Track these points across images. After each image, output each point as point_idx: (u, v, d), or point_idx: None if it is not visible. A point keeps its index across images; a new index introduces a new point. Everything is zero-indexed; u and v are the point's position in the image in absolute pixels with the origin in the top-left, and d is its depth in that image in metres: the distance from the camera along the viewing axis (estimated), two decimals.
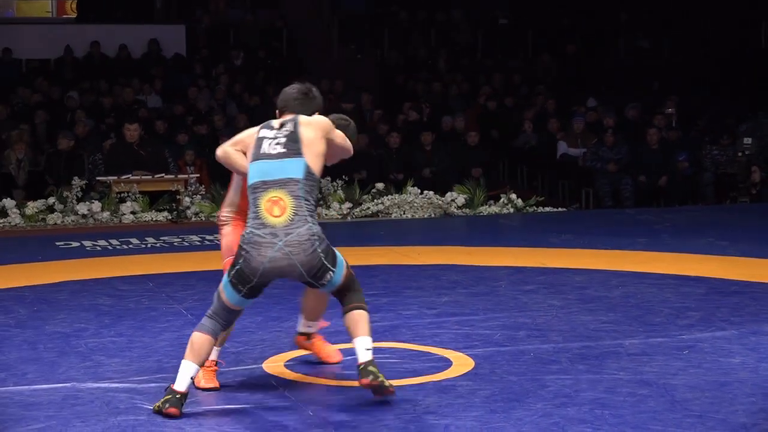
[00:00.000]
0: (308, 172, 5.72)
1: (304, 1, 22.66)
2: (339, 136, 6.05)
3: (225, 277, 5.72)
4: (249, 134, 5.94)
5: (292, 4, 22.62)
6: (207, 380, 5.97)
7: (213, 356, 5.97)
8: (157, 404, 5.51)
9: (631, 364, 6.44)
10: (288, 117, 5.89)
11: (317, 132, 5.83)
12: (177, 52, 20.88)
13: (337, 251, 5.86)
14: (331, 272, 5.74)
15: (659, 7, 22.90)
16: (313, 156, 5.76)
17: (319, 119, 5.97)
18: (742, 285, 8.84)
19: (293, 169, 5.69)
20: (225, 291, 5.70)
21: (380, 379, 5.56)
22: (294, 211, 5.62)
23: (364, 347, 5.64)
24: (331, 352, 6.56)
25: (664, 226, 12.42)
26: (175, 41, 21.08)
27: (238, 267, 5.62)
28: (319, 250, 5.68)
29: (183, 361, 5.58)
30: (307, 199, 5.72)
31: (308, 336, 6.50)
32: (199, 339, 5.63)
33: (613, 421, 5.34)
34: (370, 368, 5.57)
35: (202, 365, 5.69)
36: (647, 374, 6.20)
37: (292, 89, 6.12)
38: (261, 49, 21.22)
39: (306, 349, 6.54)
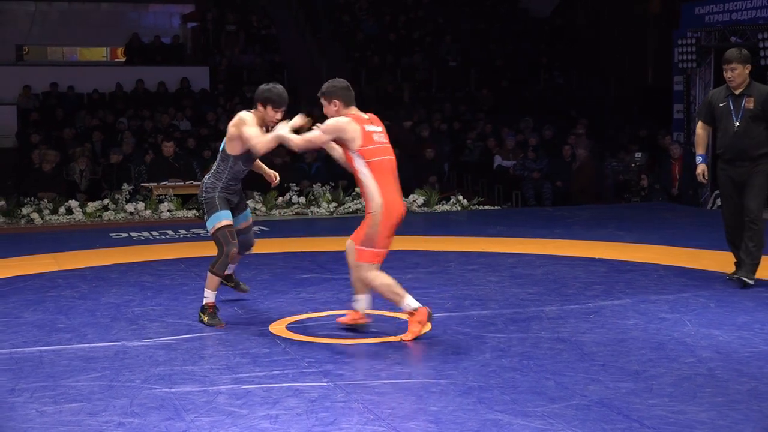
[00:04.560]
0: (223, 150, 6.67)
1: (299, 49, 22.65)
2: (245, 132, 6.50)
3: None
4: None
5: (290, 51, 22.61)
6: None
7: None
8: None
9: (550, 325, 6.46)
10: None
11: (233, 125, 6.61)
12: (203, 87, 20.83)
13: (217, 213, 6.59)
14: (205, 216, 6.66)
15: (571, 53, 23.02)
16: (226, 140, 6.68)
17: (239, 115, 6.67)
18: (635, 265, 8.87)
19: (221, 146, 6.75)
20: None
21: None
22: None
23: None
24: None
25: (575, 220, 12.44)
26: (201, 79, 21.04)
27: None
28: (200, 196, 6.72)
29: None
30: (217, 165, 6.71)
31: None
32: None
33: (536, 369, 5.35)
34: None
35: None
36: (563, 333, 6.22)
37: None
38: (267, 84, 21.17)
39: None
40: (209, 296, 6.63)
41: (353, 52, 22.25)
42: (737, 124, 7.83)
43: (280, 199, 14.14)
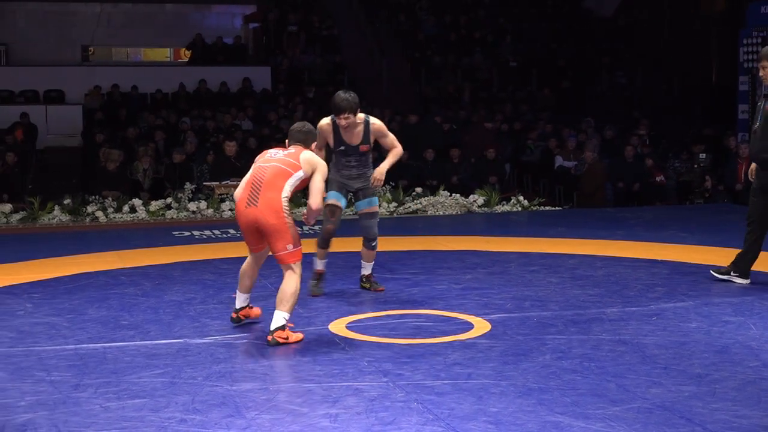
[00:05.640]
0: None
1: (360, 48, 22.69)
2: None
3: None
4: None
5: (351, 51, 22.67)
6: None
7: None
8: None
9: (612, 327, 6.41)
10: None
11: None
12: (264, 87, 20.97)
13: (327, 193, 7.19)
14: None
15: (633, 52, 22.80)
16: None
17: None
18: (698, 267, 8.76)
19: None
20: None
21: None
22: None
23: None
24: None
25: (637, 222, 12.32)
26: (262, 79, 21.18)
27: None
28: None
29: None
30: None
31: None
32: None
33: (597, 371, 5.31)
34: None
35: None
36: (624, 335, 6.17)
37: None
38: (328, 85, 21.26)
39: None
40: (316, 263, 7.50)
41: (413, 52, 22.25)
42: (756, 125, 7.71)
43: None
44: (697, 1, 22.73)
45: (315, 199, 6.30)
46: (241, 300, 6.60)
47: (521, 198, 14.63)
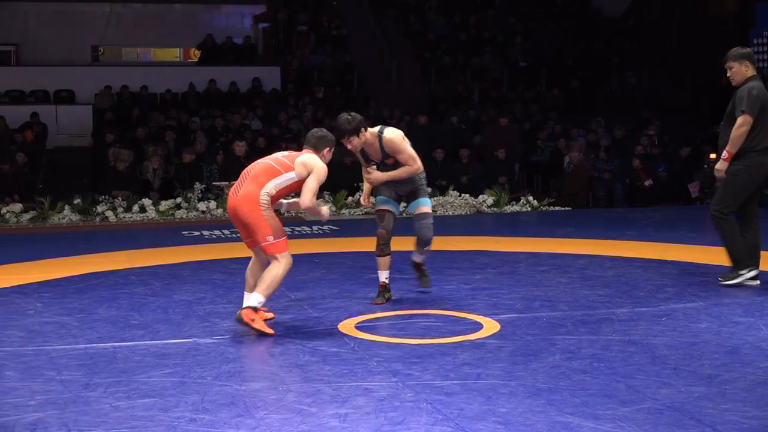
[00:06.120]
0: None
1: (370, 48, 22.69)
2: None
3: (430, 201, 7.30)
4: None
5: (361, 51, 22.67)
6: None
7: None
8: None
9: (621, 327, 6.39)
10: None
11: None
12: (274, 87, 20.99)
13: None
14: None
15: (643, 52, 22.75)
16: None
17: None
18: (707, 267, 8.75)
19: None
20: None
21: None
22: None
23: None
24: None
25: (648, 222, 12.30)
26: (272, 79, 21.20)
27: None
28: None
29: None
30: None
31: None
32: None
33: (607, 372, 5.29)
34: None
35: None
36: (634, 336, 6.15)
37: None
38: (337, 84, 21.28)
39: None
40: (379, 275, 7.41)
41: (423, 52, 22.24)
42: (723, 122, 7.87)
43: (350, 198, 14.19)
44: (707, 1, 22.67)
45: (304, 198, 6.40)
46: (246, 300, 6.61)
47: (531, 198, 14.63)
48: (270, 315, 6.75)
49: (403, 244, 8.30)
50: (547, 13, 24.21)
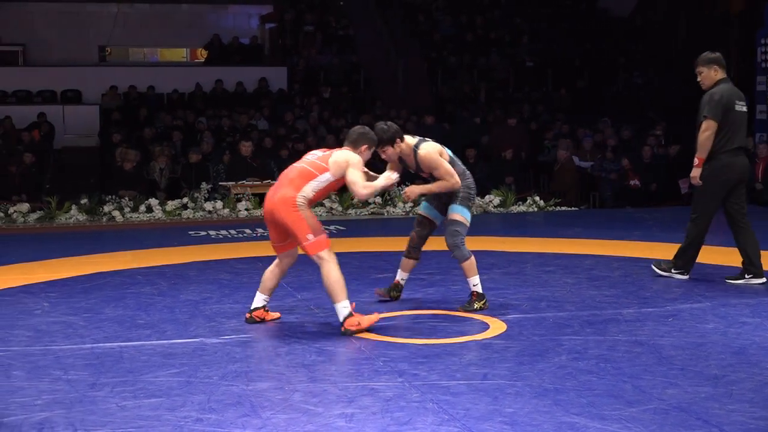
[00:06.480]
0: None
1: (376, 48, 22.70)
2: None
3: (468, 210, 7.06)
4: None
5: (368, 51, 22.68)
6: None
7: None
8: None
9: (628, 328, 6.39)
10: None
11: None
12: (280, 87, 21.01)
13: None
14: None
15: (650, 52, 22.72)
16: None
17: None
18: (715, 267, 8.74)
19: None
20: (468, 218, 7.03)
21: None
22: None
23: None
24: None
25: (654, 222, 12.29)
26: (279, 79, 21.22)
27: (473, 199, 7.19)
28: None
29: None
30: None
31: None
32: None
33: (613, 372, 5.29)
34: None
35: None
36: (640, 336, 6.15)
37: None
38: (344, 85, 21.28)
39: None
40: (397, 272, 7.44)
41: (430, 52, 22.25)
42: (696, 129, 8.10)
43: (356, 199, 14.20)
44: (714, 1, 22.63)
45: (356, 193, 6.38)
46: (257, 300, 6.63)
47: (537, 198, 14.62)
48: (276, 315, 6.76)
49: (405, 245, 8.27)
50: (555, 14, 24.19)
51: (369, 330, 6.23)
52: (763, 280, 7.93)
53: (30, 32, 23.41)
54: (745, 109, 8.10)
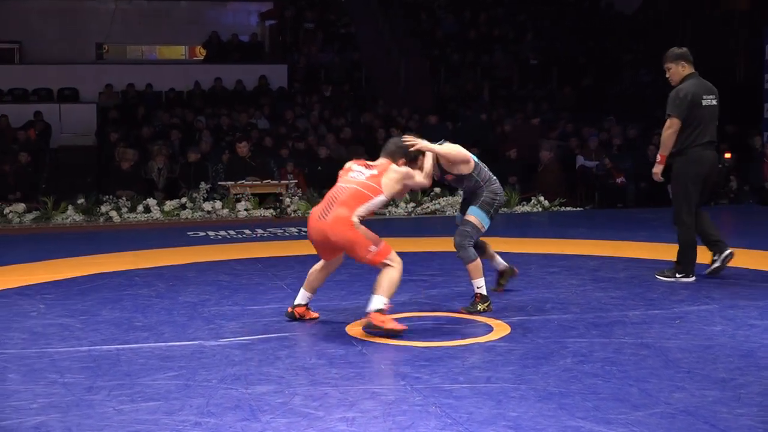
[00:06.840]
0: None
1: (378, 46, 22.69)
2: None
3: (486, 215, 7.02)
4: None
5: (369, 49, 22.67)
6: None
7: None
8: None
9: (634, 330, 6.37)
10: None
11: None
12: (281, 85, 21.01)
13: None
14: None
15: (656, 48, 22.69)
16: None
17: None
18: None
19: None
20: (484, 223, 7.02)
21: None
22: None
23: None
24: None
25: (660, 223, 12.27)
26: (279, 77, 21.22)
27: (497, 206, 7.12)
28: None
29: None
30: None
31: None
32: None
33: (619, 375, 5.27)
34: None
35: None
36: (647, 339, 6.13)
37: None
38: (345, 83, 21.28)
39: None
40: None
41: (432, 50, 22.24)
42: None
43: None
44: None
45: (419, 185, 6.70)
46: (300, 297, 6.72)
47: (542, 198, 14.61)
48: (315, 314, 6.79)
49: (410, 245, 8.28)
50: (559, 11, 24.19)
51: (386, 335, 6.20)
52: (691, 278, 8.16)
53: (26, 29, 23.41)
54: (714, 102, 8.28)
